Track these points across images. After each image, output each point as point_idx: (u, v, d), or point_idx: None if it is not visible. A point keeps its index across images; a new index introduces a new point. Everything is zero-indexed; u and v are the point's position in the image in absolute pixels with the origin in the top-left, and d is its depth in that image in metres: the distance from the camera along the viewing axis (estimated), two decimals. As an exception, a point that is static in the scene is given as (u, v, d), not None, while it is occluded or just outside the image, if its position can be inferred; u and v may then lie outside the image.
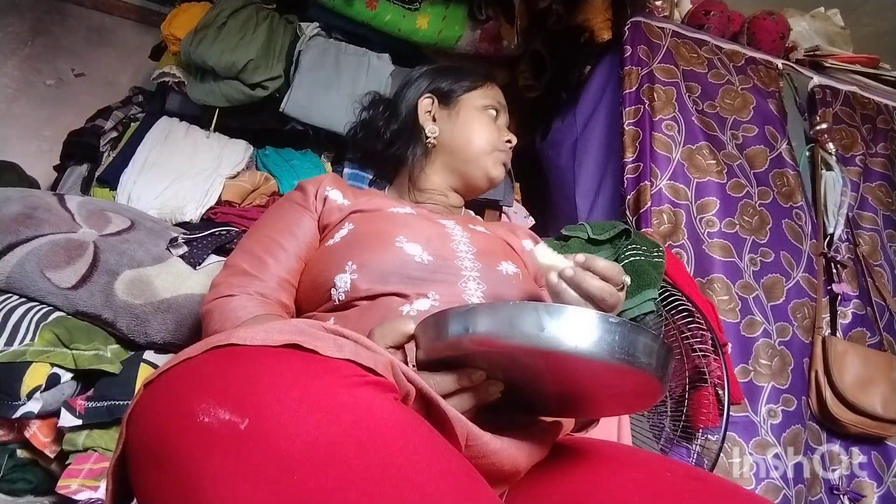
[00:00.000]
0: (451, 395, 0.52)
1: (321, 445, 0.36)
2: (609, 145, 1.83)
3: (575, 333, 0.45)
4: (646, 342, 0.46)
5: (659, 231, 1.61)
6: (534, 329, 0.45)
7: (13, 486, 0.93)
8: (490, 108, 0.98)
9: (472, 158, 0.94)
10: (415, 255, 0.74)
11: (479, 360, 0.52)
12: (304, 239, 0.83)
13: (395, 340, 0.55)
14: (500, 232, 0.94)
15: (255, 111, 1.69)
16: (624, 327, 0.45)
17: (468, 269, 0.75)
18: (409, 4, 1.76)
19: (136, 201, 1.45)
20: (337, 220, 0.84)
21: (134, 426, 0.43)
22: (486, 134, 0.95)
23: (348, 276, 0.72)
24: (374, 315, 0.68)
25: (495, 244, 0.86)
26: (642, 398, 0.56)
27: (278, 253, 0.80)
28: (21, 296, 0.99)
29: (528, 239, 0.98)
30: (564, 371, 0.50)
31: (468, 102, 0.97)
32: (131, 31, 2.38)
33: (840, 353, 1.58)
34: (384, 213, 0.85)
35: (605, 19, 1.81)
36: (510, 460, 0.53)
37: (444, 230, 0.82)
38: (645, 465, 0.59)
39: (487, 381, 0.53)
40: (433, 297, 0.70)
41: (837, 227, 1.79)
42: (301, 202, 0.87)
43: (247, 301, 0.74)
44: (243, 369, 0.41)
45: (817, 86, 2.02)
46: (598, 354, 0.45)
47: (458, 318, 0.49)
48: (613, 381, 0.51)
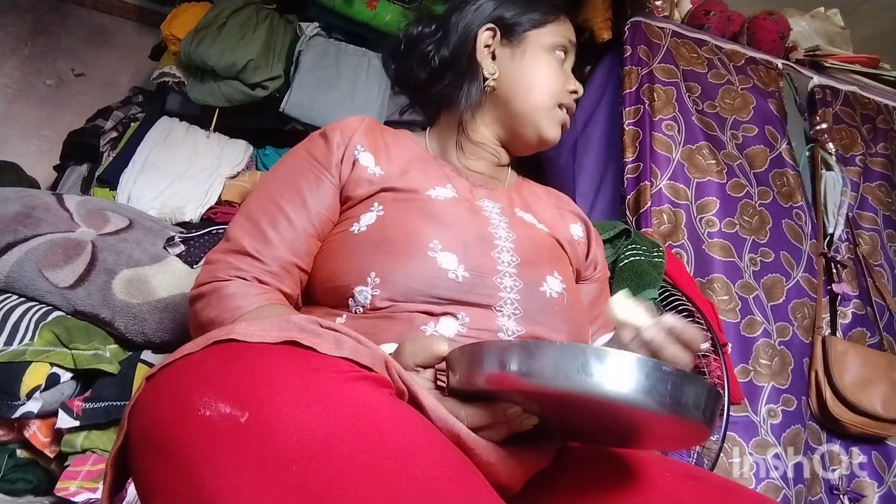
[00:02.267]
0: (483, 428, 0.51)
1: (320, 437, 0.37)
2: (609, 145, 1.83)
3: (623, 380, 0.42)
4: (696, 392, 0.44)
5: (659, 231, 1.61)
6: (580, 374, 0.43)
7: (13, 486, 0.93)
8: (559, 47, 0.84)
9: (527, 112, 0.82)
10: (449, 269, 0.66)
11: (515, 395, 0.50)
12: (317, 210, 0.72)
13: (425, 360, 0.53)
14: (549, 217, 0.84)
15: (255, 111, 1.69)
16: (676, 377, 0.44)
17: (507, 288, 0.67)
18: (409, 4, 1.76)
19: (136, 201, 1.45)
20: (364, 195, 0.73)
21: (135, 419, 0.43)
22: (551, 83, 0.82)
23: (369, 291, 0.64)
24: (392, 328, 0.63)
25: (542, 247, 0.76)
26: (685, 441, 0.55)
27: (284, 227, 0.71)
28: (20, 295, 0.99)
29: (578, 221, 0.89)
30: (606, 413, 0.47)
31: (536, 40, 0.83)
32: (131, 31, 2.38)
33: (840, 353, 1.58)
34: (420, 199, 0.73)
35: (605, 19, 1.82)
36: (508, 472, 0.52)
37: (487, 228, 0.73)
38: (645, 465, 0.59)
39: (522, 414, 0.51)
40: (462, 319, 0.64)
41: (837, 227, 1.79)
42: (322, 160, 0.75)
43: (245, 287, 0.67)
44: (243, 364, 0.41)
45: (817, 86, 2.02)
46: (648, 404, 0.43)
47: (498, 355, 0.46)
48: (658, 426, 0.49)
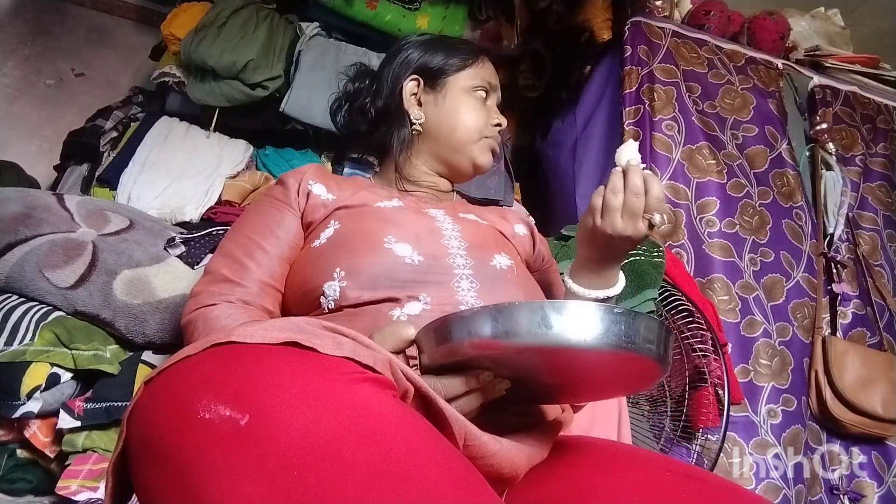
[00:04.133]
0: (458, 398, 0.52)
1: (320, 440, 0.36)
2: (609, 145, 1.83)
3: (582, 328, 0.46)
4: (647, 327, 0.48)
5: (659, 231, 1.61)
6: (541, 327, 0.46)
7: (13, 485, 0.93)
8: (479, 88, 0.92)
9: (458, 147, 0.89)
10: (405, 256, 0.72)
11: (484, 361, 0.52)
12: (286, 238, 0.80)
13: (395, 346, 0.55)
14: (491, 218, 0.91)
15: (255, 111, 1.68)
16: (628, 316, 0.47)
17: (461, 266, 0.73)
18: (409, 4, 1.76)
19: (136, 201, 1.45)
20: (321, 218, 0.81)
21: (135, 423, 0.43)
22: (472, 120, 0.89)
23: (337, 283, 0.69)
24: (363, 320, 0.66)
25: (487, 235, 0.83)
26: (644, 380, 0.58)
27: (259, 255, 0.77)
28: (20, 295, 0.99)
29: (521, 223, 0.95)
30: (570, 362, 0.51)
31: (456, 84, 0.91)
32: (131, 31, 2.38)
33: (840, 353, 1.58)
34: (371, 210, 0.81)
35: (606, 19, 1.81)
36: (509, 462, 0.54)
37: (434, 224, 0.79)
38: (644, 464, 0.59)
39: (494, 379, 0.53)
40: (424, 299, 0.68)
41: (837, 227, 1.79)
42: (282, 198, 0.83)
43: (230, 309, 0.72)
44: (243, 366, 0.41)
45: (817, 86, 2.02)
46: (606, 345, 0.46)
47: (463, 324, 0.49)
48: (618, 368, 0.52)
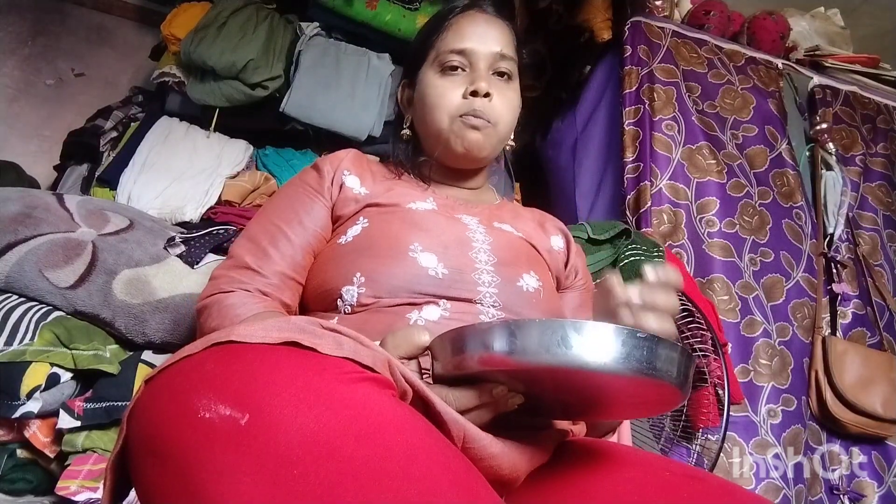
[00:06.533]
0: (469, 410, 0.51)
1: (320, 439, 0.36)
2: (609, 145, 1.83)
3: (602, 350, 0.44)
4: (670, 354, 0.46)
5: (659, 231, 1.61)
6: (560, 347, 0.44)
7: (13, 485, 0.93)
8: (449, 62, 0.82)
9: (437, 138, 0.84)
10: (429, 267, 0.69)
11: (499, 375, 0.51)
12: (313, 229, 0.78)
13: (408, 351, 0.54)
14: (527, 230, 0.86)
15: (255, 111, 1.69)
16: (650, 341, 0.46)
17: (485, 283, 0.70)
18: (409, 4, 1.76)
19: (136, 201, 1.45)
20: (351, 213, 0.79)
21: (135, 422, 0.43)
22: (441, 105, 0.82)
23: (356, 289, 0.68)
24: (379, 321, 0.66)
25: (519, 251, 0.79)
26: (663, 405, 0.56)
27: (283, 245, 0.76)
28: (20, 295, 0.99)
29: (559, 234, 0.92)
30: (588, 383, 0.49)
31: (423, 73, 0.86)
32: (131, 31, 2.38)
33: (840, 353, 1.58)
34: (402, 211, 0.78)
35: (605, 19, 1.82)
36: (510, 464, 0.53)
37: (465, 233, 0.76)
38: (644, 464, 0.59)
39: (507, 393, 0.52)
40: (444, 305, 0.66)
41: (837, 227, 1.79)
42: (315, 186, 0.81)
43: (246, 298, 0.72)
44: (243, 366, 0.41)
45: (817, 86, 2.02)
46: (626, 370, 0.45)
47: (479, 337, 0.48)
48: (637, 392, 0.50)
